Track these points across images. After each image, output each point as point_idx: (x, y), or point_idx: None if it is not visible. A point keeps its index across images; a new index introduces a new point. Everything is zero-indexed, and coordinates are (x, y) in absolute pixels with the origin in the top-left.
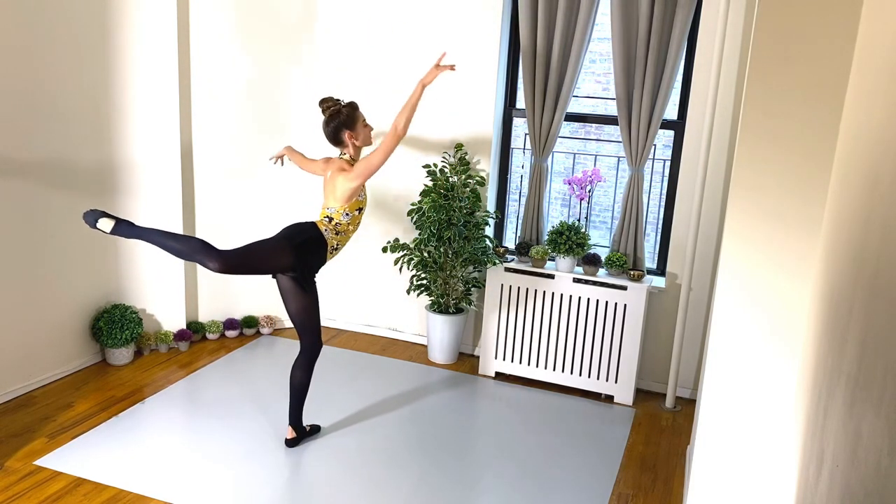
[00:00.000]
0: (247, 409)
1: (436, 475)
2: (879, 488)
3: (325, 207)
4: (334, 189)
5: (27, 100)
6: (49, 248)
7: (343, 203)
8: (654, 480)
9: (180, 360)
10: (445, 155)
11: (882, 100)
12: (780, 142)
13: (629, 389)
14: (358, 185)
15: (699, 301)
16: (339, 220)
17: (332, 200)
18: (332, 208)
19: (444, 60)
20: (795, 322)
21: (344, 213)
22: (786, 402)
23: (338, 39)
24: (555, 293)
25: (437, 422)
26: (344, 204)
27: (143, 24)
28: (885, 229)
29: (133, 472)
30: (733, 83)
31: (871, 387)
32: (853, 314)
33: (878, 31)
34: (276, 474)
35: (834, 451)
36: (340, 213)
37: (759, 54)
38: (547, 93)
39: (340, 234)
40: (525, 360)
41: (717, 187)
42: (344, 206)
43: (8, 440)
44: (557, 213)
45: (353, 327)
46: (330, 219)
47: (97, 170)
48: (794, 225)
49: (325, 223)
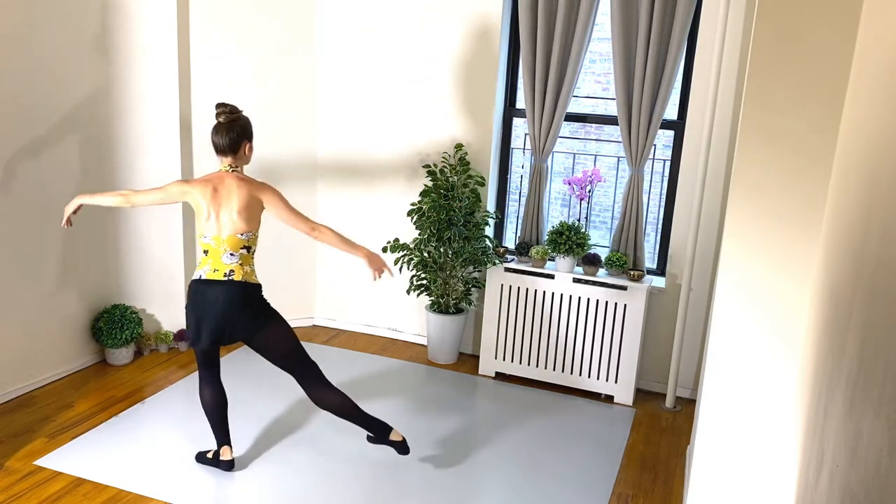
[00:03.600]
0: (246, 410)
1: (436, 475)
2: (879, 488)
3: (237, 235)
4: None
5: (27, 100)
6: (49, 249)
7: (256, 224)
8: (654, 480)
9: (180, 360)
10: (445, 155)
11: (882, 100)
12: (780, 142)
13: (629, 389)
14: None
15: (699, 301)
16: (255, 248)
17: (240, 222)
18: (247, 234)
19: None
20: (795, 322)
21: (256, 237)
22: (786, 402)
23: (338, 39)
24: (555, 293)
25: (437, 422)
26: (256, 224)
27: (143, 25)
28: (884, 229)
29: (133, 472)
30: (733, 83)
31: (871, 387)
32: (853, 314)
33: (878, 30)
34: (275, 474)
35: (834, 451)
36: (257, 235)
37: (759, 54)
38: (547, 93)
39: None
40: (525, 360)
41: (717, 187)
42: (257, 226)
43: (8, 440)
44: (557, 213)
45: (353, 327)
46: (248, 248)
47: (97, 169)
48: (794, 225)
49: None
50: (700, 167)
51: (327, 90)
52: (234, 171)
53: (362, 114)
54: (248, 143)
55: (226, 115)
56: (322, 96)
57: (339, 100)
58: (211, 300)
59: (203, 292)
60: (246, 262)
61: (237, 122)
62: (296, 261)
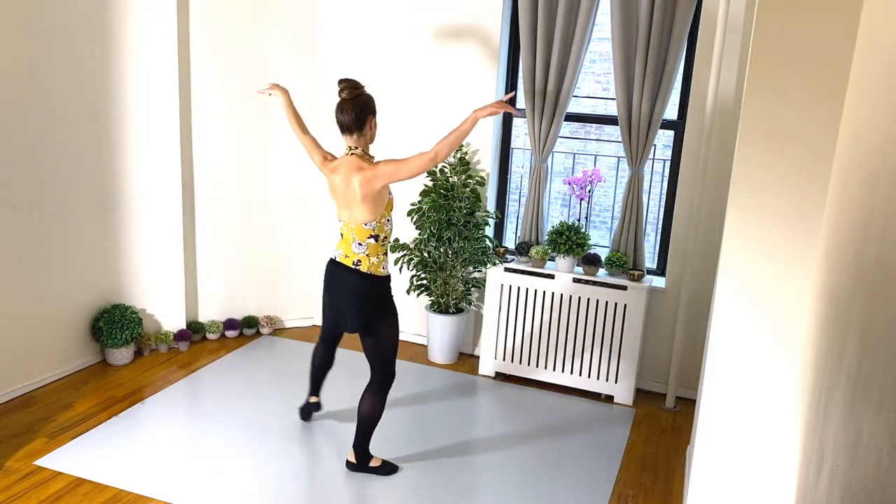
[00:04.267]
0: (246, 410)
1: (435, 475)
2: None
3: (362, 224)
4: (361, 196)
5: (28, 100)
6: (49, 249)
7: (381, 209)
8: (654, 480)
9: (180, 360)
10: None
11: (882, 100)
12: (780, 142)
13: (629, 389)
14: (384, 185)
15: (699, 301)
16: (385, 233)
17: (362, 212)
18: (371, 223)
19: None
20: (795, 322)
21: (387, 221)
22: (786, 402)
23: (339, 38)
24: (555, 293)
25: (437, 422)
26: (382, 210)
27: (144, 28)
28: (885, 229)
29: (133, 472)
30: (733, 83)
31: (871, 387)
32: (853, 314)
33: (878, 31)
34: (274, 474)
35: (834, 451)
36: (383, 222)
37: (759, 54)
38: (547, 93)
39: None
40: (525, 360)
41: (717, 187)
42: (383, 212)
43: (8, 440)
44: (557, 213)
45: None
46: (375, 237)
47: (97, 169)
48: (794, 225)
49: (364, 256)
50: (700, 167)
51: (328, 90)
52: (354, 153)
53: None
54: (373, 119)
55: (349, 90)
56: (322, 96)
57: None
58: (338, 284)
59: (332, 274)
60: (373, 253)
61: (361, 97)
62: (296, 261)
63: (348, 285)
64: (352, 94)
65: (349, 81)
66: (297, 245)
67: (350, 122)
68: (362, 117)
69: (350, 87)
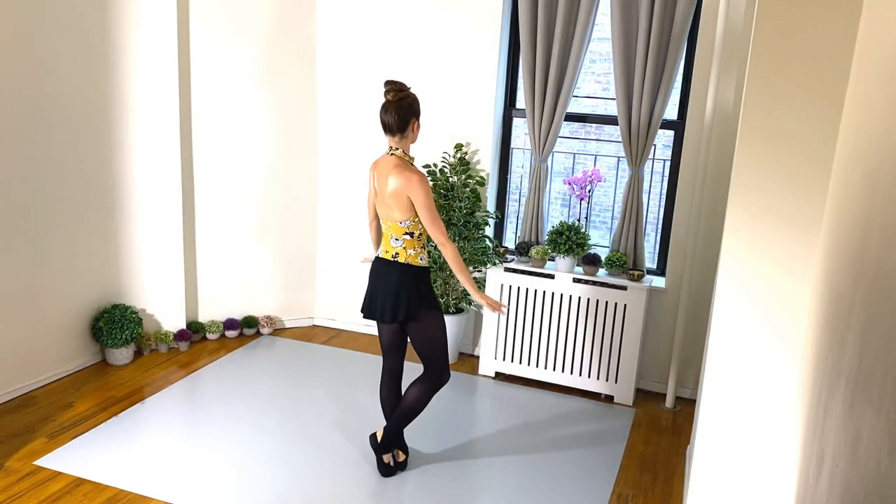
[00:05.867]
0: (247, 410)
1: (435, 475)
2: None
3: (397, 222)
4: (393, 197)
5: (27, 100)
6: (49, 249)
7: (412, 211)
8: (654, 480)
9: (180, 360)
10: (445, 155)
11: (882, 100)
12: (780, 142)
13: (629, 389)
14: (410, 201)
15: (699, 301)
16: (420, 230)
17: (396, 211)
18: (405, 221)
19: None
20: (795, 322)
21: (417, 223)
22: (786, 401)
23: (338, 38)
24: (555, 293)
25: (437, 422)
26: (413, 211)
27: (144, 29)
28: (885, 229)
29: (133, 472)
30: (733, 83)
31: (871, 387)
32: (853, 314)
33: (878, 31)
34: (275, 474)
35: (834, 451)
36: (417, 220)
37: (759, 54)
38: (547, 93)
39: (423, 244)
40: (525, 360)
41: (717, 187)
42: (413, 213)
43: (8, 440)
44: (557, 213)
45: (353, 327)
46: (411, 234)
47: (97, 169)
48: (794, 225)
49: (401, 249)
50: (700, 167)
51: (328, 89)
52: (394, 154)
53: (363, 113)
54: (416, 121)
55: (394, 92)
56: (322, 96)
57: (339, 99)
58: (379, 277)
59: (375, 269)
60: (410, 246)
61: (405, 99)
62: (296, 261)
63: (387, 275)
64: (396, 97)
65: (395, 84)
66: (298, 245)
67: (393, 124)
68: (405, 119)
69: (395, 89)
